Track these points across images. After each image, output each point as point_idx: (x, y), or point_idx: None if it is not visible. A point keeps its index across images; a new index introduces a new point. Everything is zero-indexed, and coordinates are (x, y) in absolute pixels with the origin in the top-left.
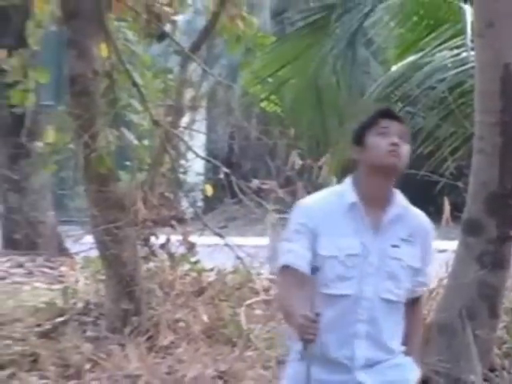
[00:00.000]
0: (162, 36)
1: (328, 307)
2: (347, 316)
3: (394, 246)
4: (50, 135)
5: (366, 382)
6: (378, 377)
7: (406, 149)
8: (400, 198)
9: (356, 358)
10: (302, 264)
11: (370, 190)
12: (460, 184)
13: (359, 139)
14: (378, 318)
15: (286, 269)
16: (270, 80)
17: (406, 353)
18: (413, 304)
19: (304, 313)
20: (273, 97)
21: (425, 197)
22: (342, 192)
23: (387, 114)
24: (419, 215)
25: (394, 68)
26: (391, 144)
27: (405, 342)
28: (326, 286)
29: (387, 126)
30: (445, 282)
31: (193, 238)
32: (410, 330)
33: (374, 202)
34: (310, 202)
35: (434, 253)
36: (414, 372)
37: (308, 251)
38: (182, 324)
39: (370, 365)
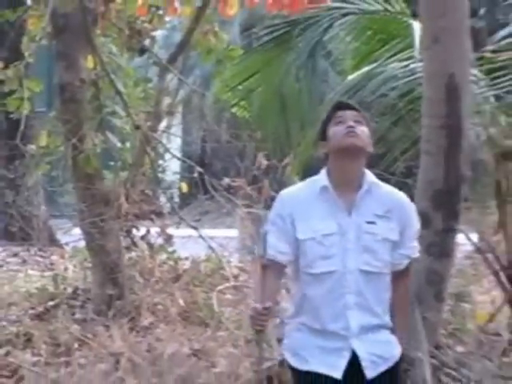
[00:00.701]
0: (142, 49)
1: (316, 285)
2: (336, 290)
3: (369, 223)
4: (43, 138)
5: (359, 349)
6: (369, 348)
7: (362, 130)
8: (370, 178)
9: (351, 327)
10: (277, 256)
11: (339, 175)
12: (409, 182)
13: (323, 134)
14: (362, 288)
15: (260, 259)
16: (239, 88)
17: (393, 328)
18: (399, 276)
19: (254, 305)
20: (242, 103)
21: None
22: (315, 180)
23: (341, 106)
24: (394, 192)
25: (350, 77)
26: (346, 127)
27: (392, 313)
28: (310, 266)
29: (342, 115)
30: None
31: (170, 230)
32: (397, 303)
33: (344, 185)
34: (285, 192)
35: (417, 227)
36: (398, 349)
37: (280, 241)
38: (160, 307)
39: (364, 331)
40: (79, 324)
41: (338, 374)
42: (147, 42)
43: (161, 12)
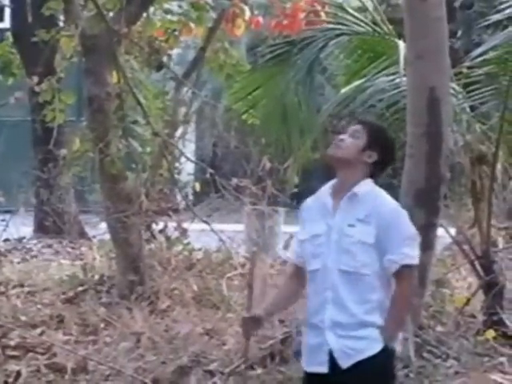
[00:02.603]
0: (160, 66)
1: (310, 282)
2: (319, 286)
3: (350, 225)
4: (76, 144)
5: (331, 340)
6: (340, 341)
7: (348, 142)
8: (364, 185)
9: (325, 320)
10: (293, 258)
11: (335, 181)
12: (395, 182)
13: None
14: (339, 287)
15: (286, 262)
16: (246, 100)
17: (381, 326)
18: (395, 280)
19: (244, 315)
20: (248, 113)
21: None
22: (322, 189)
23: (354, 118)
24: (380, 201)
25: (343, 91)
26: (337, 141)
27: (387, 314)
28: (307, 263)
29: (345, 127)
30: None
31: (185, 225)
32: (390, 305)
33: (337, 191)
34: (305, 203)
35: (407, 234)
36: (375, 344)
37: (297, 244)
38: (176, 292)
39: (336, 326)
40: (105, 307)
41: (324, 369)
42: (165, 59)
43: (176, 33)
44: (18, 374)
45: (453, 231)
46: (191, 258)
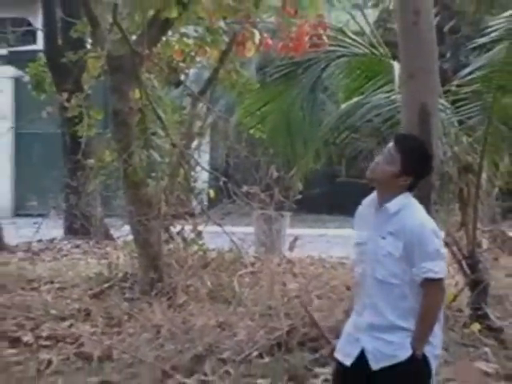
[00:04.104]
0: (178, 83)
1: (357, 283)
2: (361, 290)
3: (382, 238)
4: (105, 154)
5: (365, 343)
6: (374, 344)
7: (383, 167)
8: (399, 202)
9: (362, 322)
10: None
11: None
12: None
13: None
14: (374, 293)
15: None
16: (255, 114)
17: (412, 332)
18: (422, 291)
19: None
20: (257, 127)
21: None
22: (374, 195)
23: (393, 138)
24: (409, 218)
25: (342, 106)
26: (373, 164)
27: (416, 324)
28: (355, 266)
29: (384, 149)
30: None
31: (200, 227)
32: (418, 315)
33: (377, 203)
34: (362, 203)
35: (430, 250)
36: (405, 351)
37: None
38: (192, 288)
39: (372, 329)
40: (128, 302)
41: (347, 361)
42: (182, 77)
43: (192, 54)
44: (50, 361)
45: (442, 234)
46: (206, 257)
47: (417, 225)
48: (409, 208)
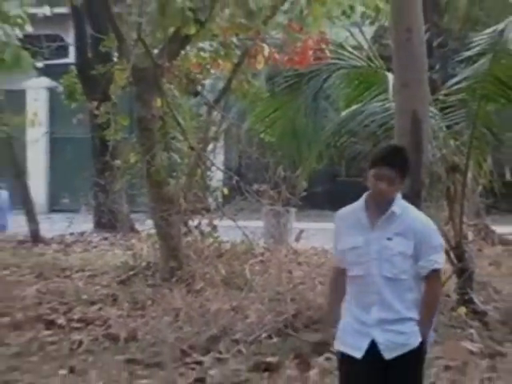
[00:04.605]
0: (195, 93)
1: (353, 284)
2: (364, 289)
3: (388, 239)
4: (131, 156)
5: (377, 336)
6: (387, 336)
7: (389, 190)
8: (399, 204)
9: (371, 318)
10: (337, 263)
11: (371, 203)
12: None
13: (368, 167)
14: (383, 290)
15: (333, 267)
16: (265, 121)
17: (418, 321)
18: (425, 281)
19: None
20: (267, 131)
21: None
22: (356, 205)
23: (383, 161)
24: (415, 217)
25: (343, 113)
26: (378, 189)
27: (420, 310)
28: (348, 270)
29: (379, 173)
30: None
31: (215, 222)
32: (422, 301)
33: (374, 210)
34: (339, 212)
35: (435, 244)
36: (417, 338)
37: (337, 251)
38: (208, 276)
39: (383, 323)
40: (151, 288)
41: (358, 355)
42: (199, 87)
43: (208, 66)
44: (81, 342)
45: None
46: (220, 248)
47: (425, 224)
48: (407, 209)
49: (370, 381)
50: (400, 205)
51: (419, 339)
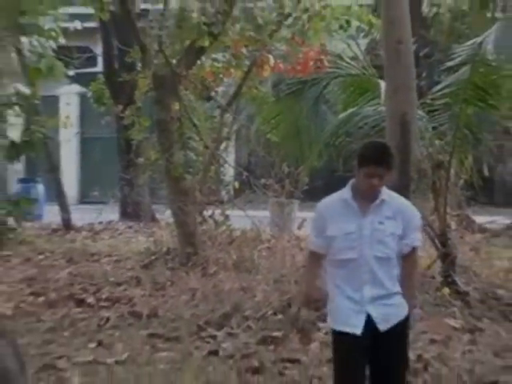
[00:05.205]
0: (209, 98)
1: (342, 267)
2: (356, 271)
3: (380, 223)
4: (151, 154)
5: (372, 311)
6: (380, 310)
7: (380, 183)
8: (385, 192)
9: (365, 297)
10: (318, 249)
11: (360, 193)
12: None
13: (357, 165)
14: (374, 269)
15: (311, 252)
16: (271, 122)
17: (402, 293)
18: (405, 258)
19: (309, 293)
20: (273, 132)
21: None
22: (342, 193)
23: (373, 161)
24: (400, 202)
25: (340, 116)
26: (371, 185)
27: (401, 283)
28: (339, 253)
29: (370, 172)
30: None
31: (227, 212)
32: (403, 276)
33: (363, 199)
34: (322, 203)
35: (417, 224)
36: (404, 309)
37: (319, 238)
38: (221, 260)
39: (375, 299)
40: (170, 270)
41: (358, 331)
42: (212, 93)
43: (221, 75)
44: (108, 318)
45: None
46: (231, 235)
47: (410, 207)
48: (392, 196)
49: (365, 353)
50: (386, 193)
51: (406, 309)
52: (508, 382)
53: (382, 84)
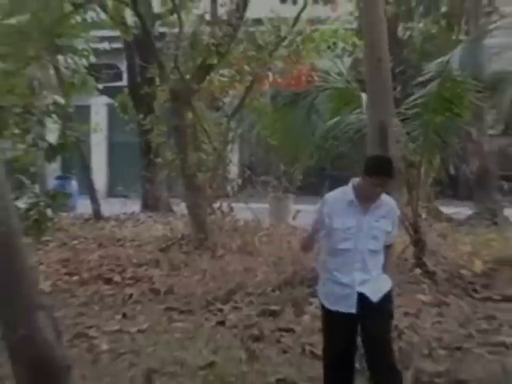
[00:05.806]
0: (218, 108)
1: (338, 255)
2: (349, 260)
3: (376, 221)
4: (168, 155)
5: (363, 289)
6: (369, 286)
7: (383, 190)
8: (383, 197)
9: (356, 280)
10: (315, 227)
11: (363, 196)
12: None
13: (365, 174)
14: (366, 260)
15: (312, 229)
16: (270, 128)
17: (384, 272)
18: (387, 248)
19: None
20: (271, 136)
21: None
22: (345, 191)
23: (381, 174)
24: (391, 203)
25: (328, 123)
26: (376, 192)
27: (383, 267)
28: (336, 244)
29: (378, 182)
30: None
31: (232, 204)
32: (386, 261)
33: (365, 200)
34: (330, 195)
35: (397, 220)
36: (388, 283)
37: (317, 223)
38: (227, 245)
39: (363, 282)
40: (184, 254)
41: (353, 310)
42: (220, 104)
43: (227, 88)
44: (131, 295)
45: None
46: (236, 224)
47: (395, 208)
48: (387, 198)
49: (356, 325)
50: (382, 196)
51: (390, 282)
52: (470, 348)
53: (364, 96)
